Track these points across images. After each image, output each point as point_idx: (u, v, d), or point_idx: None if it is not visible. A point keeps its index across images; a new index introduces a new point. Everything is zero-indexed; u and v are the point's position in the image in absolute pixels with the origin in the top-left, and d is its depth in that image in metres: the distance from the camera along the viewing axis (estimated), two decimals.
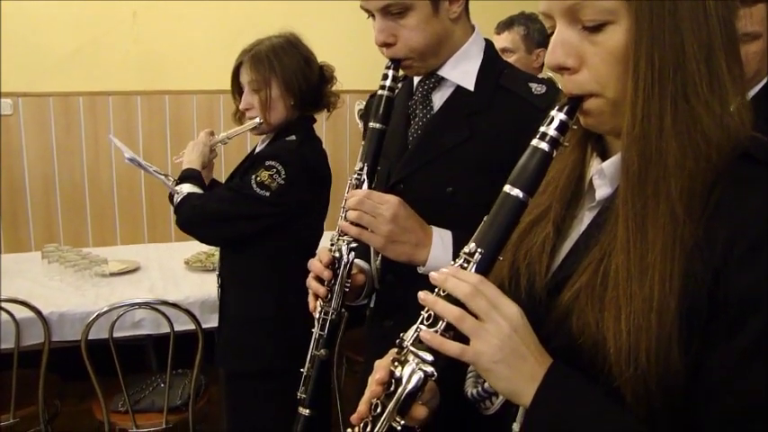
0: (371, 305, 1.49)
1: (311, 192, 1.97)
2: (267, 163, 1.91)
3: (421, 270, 1.22)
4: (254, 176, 1.90)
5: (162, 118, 3.98)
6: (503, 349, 0.72)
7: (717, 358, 0.68)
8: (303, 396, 1.27)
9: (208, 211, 1.96)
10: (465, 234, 0.82)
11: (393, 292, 1.38)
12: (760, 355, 0.66)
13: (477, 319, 0.73)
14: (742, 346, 0.67)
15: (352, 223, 1.21)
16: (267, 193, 1.89)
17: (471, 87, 1.32)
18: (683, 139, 0.71)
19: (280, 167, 1.89)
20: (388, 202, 1.19)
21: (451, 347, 0.73)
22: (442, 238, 1.22)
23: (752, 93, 1.97)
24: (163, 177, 2.16)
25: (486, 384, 0.85)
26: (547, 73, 2.63)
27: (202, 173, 2.13)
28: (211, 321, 2.53)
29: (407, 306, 0.80)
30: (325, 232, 2.09)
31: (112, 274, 2.92)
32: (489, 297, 0.73)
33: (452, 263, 0.78)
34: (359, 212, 1.19)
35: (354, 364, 3.02)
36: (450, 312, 0.73)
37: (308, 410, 1.26)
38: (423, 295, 0.76)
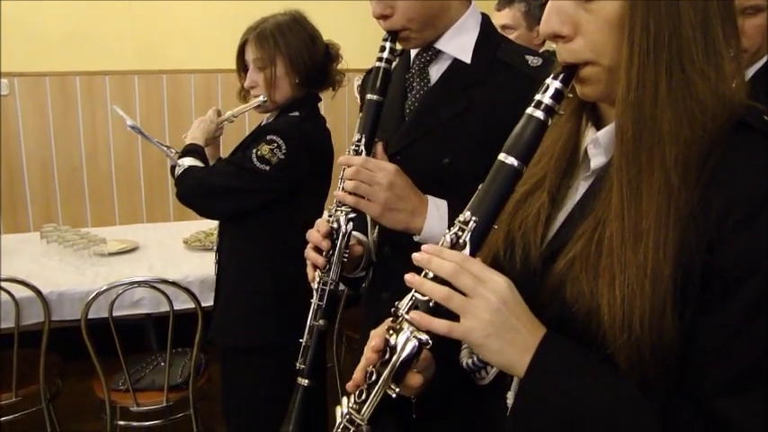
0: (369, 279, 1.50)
1: (312, 168, 1.97)
2: (268, 137, 1.91)
3: (417, 239, 1.24)
4: (255, 150, 1.91)
5: (159, 98, 3.97)
6: (493, 323, 0.72)
7: (714, 322, 0.69)
8: (302, 367, 1.28)
9: (208, 184, 1.97)
10: (461, 203, 0.83)
11: (390, 264, 1.40)
12: (760, 316, 0.67)
13: (466, 296, 0.73)
14: (741, 307, 0.67)
15: (349, 193, 1.22)
16: (267, 168, 1.90)
17: (468, 60, 1.33)
18: (678, 106, 0.71)
19: (281, 142, 1.90)
20: (385, 170, 1.21)
21: (439, 326, 0.74)
22: (437, 207, 1.24)
23: (754, 69, 1.97)
24: (165, 149, 2.17)
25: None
26: (551, 46, 2.61)
27: (207, 151, 2.14)
28: (211, 300, 2.48)
29: (402, 278, 0.80)
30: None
31: (111, 254, 2.92)
32: (475, 273, 0.74)
33: (447, 231, 0.79)
34: (356, 182, 1.21)
35: (353, 342, 3.04)
36: (436, 292, 0.74)
37: (306, 381, 1.27)
38: (409, 277, 0.76)
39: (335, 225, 1.27)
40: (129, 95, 3.90)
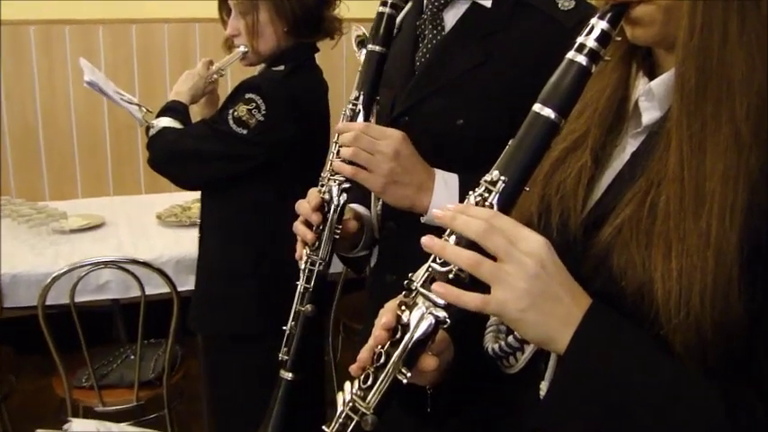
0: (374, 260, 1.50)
1: (300, 131, 1.96)
2: (246, 95, 1.89)
3: (424, 219, 1.24)
4: (231, 111, 1.90)
5: (128, 51, 3.95)
6: (530, 293, 0.71)
7: None
8: (285, 358, 1.28)
9: (180, 149, 1.98)
10: (473, 176, 0.82)
11: (395, 242, 1.40)
12: None
13: (496, 261, 0.72)
14: None
15: (346, 162, 1.21)
16: (245, 131, 1.89)
17: (488, 3, 1.33)
18: (751, 49, 0.70)
19: (260, 101, 1.88)
20: (390, 137, 1.20)
21: (471, 300, 0.72)
22: (446, 182, 1.24)
23: None
24: (133, 107, 2.15)
25: (509, 338, 0.86)
26: None
27: (202, 111, 2.13)
28: (188, 284, 2.54)
29: (412, 257, 0.80)
30: None
31: (73, 231, 2.93)
32: (506, 231, 0.73)
33: (471, 192, 0.78)
34: (355, 149, 1.20)
35: (352, 332, 3.06)
36: (462, 258, 0.73)
37: (290, 374, 1.27)
38: (427, 240, 0.75)
39: (327, 196, 1.27)
40: (93, 48, 3.88)
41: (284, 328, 1.29)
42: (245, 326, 2.03)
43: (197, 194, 2.40)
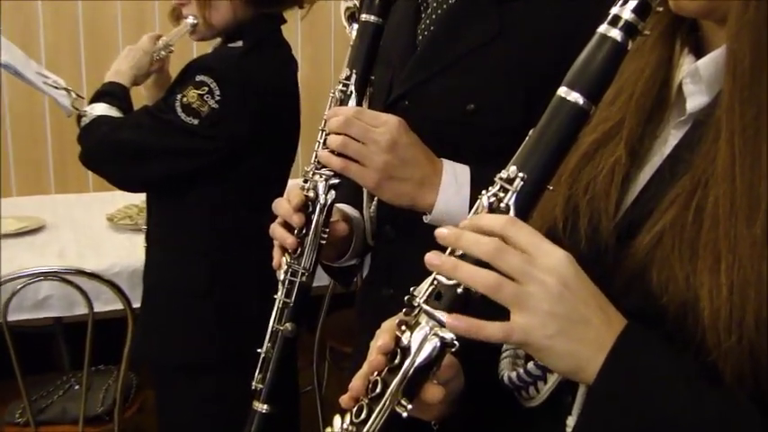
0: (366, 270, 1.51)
1: (261, 120, 1.93)
2: (197, 78, 1.86)
3: (427, 219, 1.23)
4: (179, 96, 1.87)
5: (73, 26, 3.93)
6: (555, 316, 0.72)
7: None
8: (259, 386, 1.28)
9: (115, 142, 1.94)
10: (488, 170, 0.82)
11: (392, 249, 1.40)
12: None
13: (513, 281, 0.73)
14: None
15: (334, 153, 1.21)
16: (196, 121, 1.86)
17: None
18: None
19: (213, 85, 1.85)
20: (386, 124, 1.19)
21: (495, 332, 0.72)
22: (455, 176, 1.23)
23: None
24: (59, 92, 2.11)
25: (529, 365, 0.85)
26: None
27: (148, 94, 2.11)
28: None
29: (413, 267, 0.80)
30: (291, 180, 2.09)
31: (7, 236, 2.91)
32: (523, 244, 0.73)
33: (484, 192, 0.78)
34: (344, 138, 1.19)
35: (341, 357, 3.05)
36: (479, 280, 0.72)
37: (265, 406, 1.27)
38: (433, 258, 0.75)
39: (312, 194, 1.26)
40: (31, 23, 3.84)
41: (259, 350, 1.28)
42: (201, 353, 2.02)
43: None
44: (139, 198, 3.18)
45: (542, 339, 0.72)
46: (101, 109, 2.01)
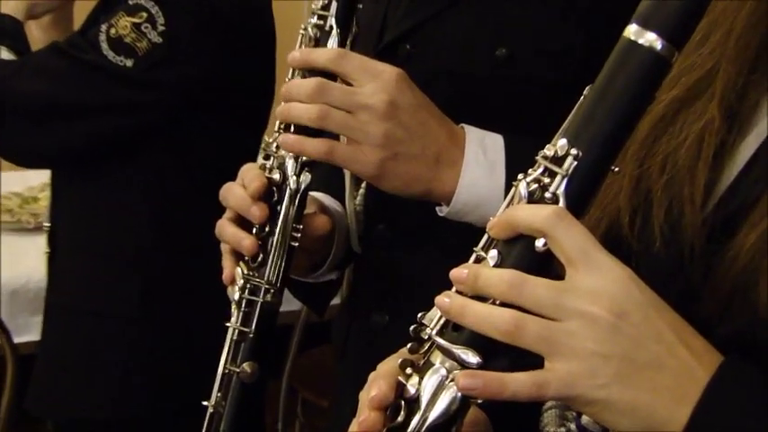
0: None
1: (221, 60, 1.64)
2: (131, 1, 1.57)
3: (443, 212, 1.03)
4: (104, 27, 1.57)
5: None
6: (608, 360, 0.62)
7: None
8: None
9: (12, 94, 1.62)
10: (527, 142, 0.74)
11: (388, 259, 1.21)
12: None
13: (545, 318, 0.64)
14: None
15: (305, 131, 1.00)
16: (129, 62, 1.56)
17: None
18: None
19: (154, 9, 1.55)
20: (379, 78, 0.98)
21: (521, 386, 0.63)
22: (484, 150, 1.03)
23: None
24: None
25: (583, 420, 0.76)
26: None
27: (43, 35, 1.81)
28: (31, 331, 2.26)
29: (417, 284, 0.70)
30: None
31: None
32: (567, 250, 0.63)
33: (521, 177, 0.67)
34: (321, 107, 0.97)
35: (318, 411, 2.74)
36: (501, 326, 0.62)
37: None
38: (444, 303, 0.66)
39: (278, 176, 1.05)
40: None
41: (204, 403, 1.06)
42: (123, 406, 1.72)
43: (46, 175, 2.05)
44: (24, 182, 2.93)
45: (592, 391, 0.63)
46: None
